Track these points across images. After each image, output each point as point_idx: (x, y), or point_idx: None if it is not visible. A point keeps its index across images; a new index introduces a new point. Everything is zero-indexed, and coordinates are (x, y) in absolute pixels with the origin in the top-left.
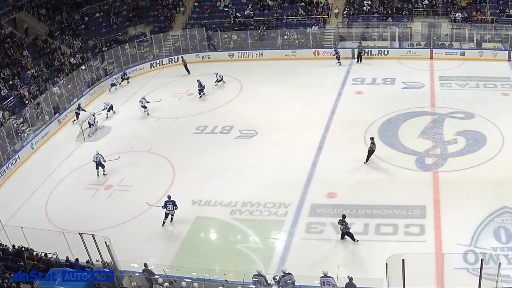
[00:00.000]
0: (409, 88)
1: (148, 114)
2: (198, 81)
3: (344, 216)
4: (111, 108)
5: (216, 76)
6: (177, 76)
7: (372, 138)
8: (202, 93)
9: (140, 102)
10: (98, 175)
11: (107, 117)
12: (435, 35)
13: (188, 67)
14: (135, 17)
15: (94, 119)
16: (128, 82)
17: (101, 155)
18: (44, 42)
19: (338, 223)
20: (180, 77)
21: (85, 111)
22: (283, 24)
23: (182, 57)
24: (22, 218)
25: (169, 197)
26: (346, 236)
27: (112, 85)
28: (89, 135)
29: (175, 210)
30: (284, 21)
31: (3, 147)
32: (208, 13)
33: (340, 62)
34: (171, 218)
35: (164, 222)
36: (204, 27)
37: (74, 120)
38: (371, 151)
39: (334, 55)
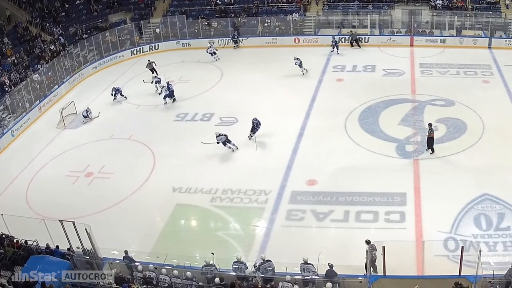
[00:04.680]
0: (390, 76)
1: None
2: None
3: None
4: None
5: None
6: (158, 63)
7: (430, 125)
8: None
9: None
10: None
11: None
12: (416, 23)
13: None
14: (116, 4)
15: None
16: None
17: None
18: (24, 29)
19: None
20: (160, 65)
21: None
22: (263, 11)
23: (149, 60)
24: (2, 205)
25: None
26: None
27: (212, 54)
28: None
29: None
30: (265, 8)
31: None
32: (188, 0)
33: (333, 50)
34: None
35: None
36: (185, 14)
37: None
38: (430, 138)
39: (331, 44)
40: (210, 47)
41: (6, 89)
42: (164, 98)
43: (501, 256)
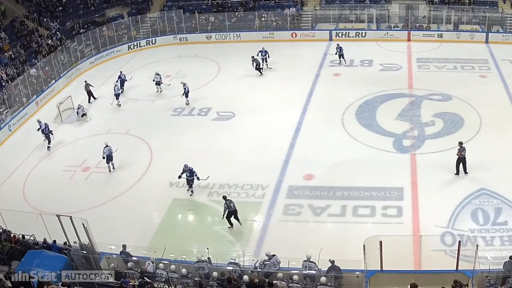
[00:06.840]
0: (387, 70)
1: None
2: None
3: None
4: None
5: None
6: (154, 58)
7: (460, 143)
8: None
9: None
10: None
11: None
12: (413, 17)
13: (91, 93)
14: None
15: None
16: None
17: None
18: (21, 24)
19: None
20: (157, 60)
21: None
22: (260, 5)
23: (86, 81)
24: None
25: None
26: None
27: (157, 84)
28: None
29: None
30: (262, 3)
31: None
32: None
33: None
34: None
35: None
36: (182, 9)
37: (157, 83)
38: (460, 158)
39: (336, 53)
40: (157, 74)
41: (3, 83)
42: (116, 96)
43: (498, 250)
